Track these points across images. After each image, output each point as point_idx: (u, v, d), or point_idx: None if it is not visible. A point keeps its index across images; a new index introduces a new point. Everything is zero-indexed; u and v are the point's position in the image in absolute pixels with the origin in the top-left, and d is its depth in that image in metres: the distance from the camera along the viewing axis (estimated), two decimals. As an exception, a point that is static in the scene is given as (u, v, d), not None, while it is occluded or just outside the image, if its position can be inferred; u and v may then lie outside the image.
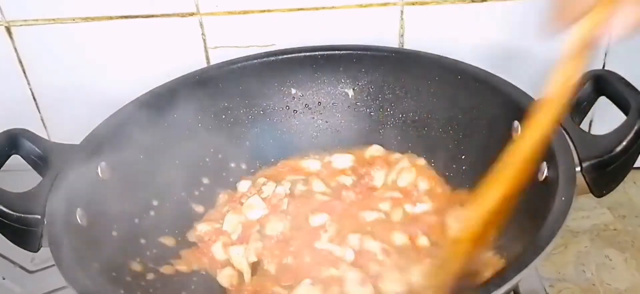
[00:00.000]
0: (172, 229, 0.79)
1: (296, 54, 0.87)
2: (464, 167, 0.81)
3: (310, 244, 0.73)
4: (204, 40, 0.92)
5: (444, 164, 0.83)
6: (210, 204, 0.83)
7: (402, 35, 0.90)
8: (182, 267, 0.74)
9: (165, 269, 0.73)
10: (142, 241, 0.74)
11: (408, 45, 0.91)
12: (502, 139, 0.74)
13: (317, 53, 0.87)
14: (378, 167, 0.83)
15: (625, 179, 0.64)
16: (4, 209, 0.63)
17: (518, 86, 0.74)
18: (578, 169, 0.62)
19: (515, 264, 0.52)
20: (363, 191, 0.82)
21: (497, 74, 0.76)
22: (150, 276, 0.72)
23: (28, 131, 0.72)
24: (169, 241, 0.77)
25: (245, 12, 0.89)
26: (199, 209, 0.82)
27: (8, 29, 0.92)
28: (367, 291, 0.67)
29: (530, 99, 0.71)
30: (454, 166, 0.82)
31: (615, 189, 0.64)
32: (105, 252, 0.67)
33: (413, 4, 0.87)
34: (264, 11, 0.89)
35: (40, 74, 0.96)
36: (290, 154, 0.89)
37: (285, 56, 0.87)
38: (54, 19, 0.90)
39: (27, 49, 0.94)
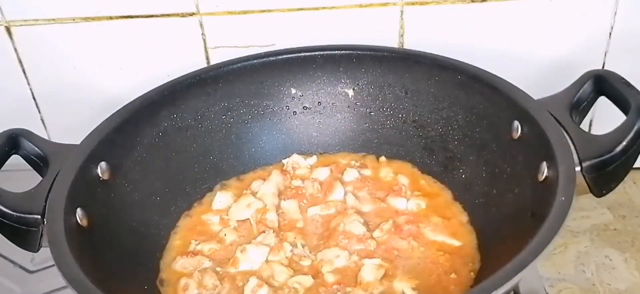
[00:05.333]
0: (171, 228, 0.79)
1: (296, 54, 0.87)
2: (464, 167, 0.81)
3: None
4: (204, 40, 0.92)
5: (444, 164, 0.83)
6: (209, 203, 0.83)
7: (402, 35, 0.90)
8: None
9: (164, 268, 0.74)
10: (141, 240, 0.74)
11: (408, 45, 0.91)
12: (502, 139, 0.74)
13: (317, 53, 0.87)
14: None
15: (625, 179, 0.64)
16: (4, 209, 0.63)
17: (518, 86, 0.74)
18: (578, 169, 0.62)
19: (515, 264, 0.52)
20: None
21: (497, 74, 0.76)
22: (149, 275, 0.72)
23: (28, 131, 0.72)
24: (168, 240, 0.78)
25: (245, 12, 0.89)
26: (199, 207, 0.83)
27: (8, 29, 0.92)
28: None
29: (530, 99, 0.71)
30: (454, 166, 0.82)
31: (615, 189, 0.64)
32: (105, 252, 0.67)
33: (413, 4, 0.87)
34: (264, 11, 0.89)
35: (40, 74, 0.96)
36: (289, 154, 0.89)
37: (285, 56, 0.87)
38: (54, 19, 0.90)
39: (27, 49, 0.94)
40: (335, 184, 0.83)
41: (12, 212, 0.63)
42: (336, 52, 0.87)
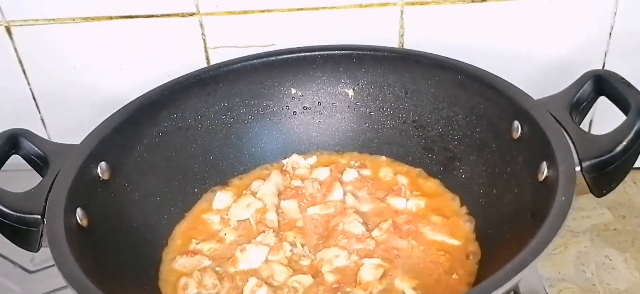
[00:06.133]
0: (171, 227, 0.79)
1: (296, 54, 0.87)
2: (464, 167, 0.81)
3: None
4: (204, 40, 0.92)
5: (444, 164, 0.83)
6: (209, 202, 0.83)
7: (402, 35, 0.90)
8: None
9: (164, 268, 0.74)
10: (141, 239, 0.74)
11: (408, 45, 0.91)
12: (502, 139, 0.74)
13: (317, 53, 0.87)
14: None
15: (625, 179, 0.64)
16: (4, 209, 0.63)
17: (518, 86, 0.74)
18: (578, 168, 0.62)
19: (515, 264, 0.52)
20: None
21: (497, 74, 0.76)
22: (149, 274, 0.72)
23: (28, 131, 0.72)
24: (168, 239, 0.78)
25: (245, 12, 0.89)
26: (199, 207, 0.83)
27: (8, 29, 0.92)
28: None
29: (530, 99, 0.71)
30: (454, 166, 0.82)
31: (615, 189, 0.64)
32: (105, 252, 0.67)
33: (413, 4, 0.87)
34: (264, 11, 0.89)
35: (40, 74, 0.96)
36: (290, 153, 0.89)
37: (285, 56, 0.87)
38: (54, 19, 0.90)
39: (27, 49, 0.94)
40: (335, 184, 0.83)
41: (12, 212, 0.63)
42: (336, 52, 0.87)
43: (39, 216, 0.63)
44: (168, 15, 0.90)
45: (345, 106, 0.90)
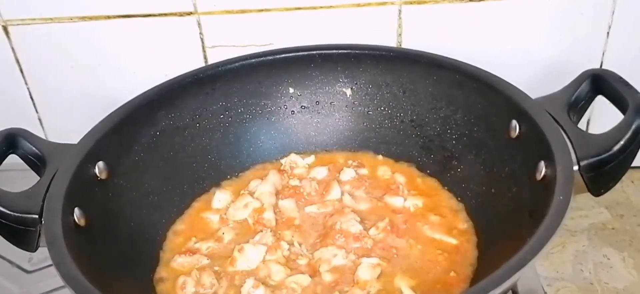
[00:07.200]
0: (169, 227, 0.79)
1: (294, 54, 0.87)
2: (462, 166, 0.81)
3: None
4: (202, 39, 0.92)
5: (442, 163, 0.83)
6: (207, 201, 0.83)
7: (400, 35, 0.90)
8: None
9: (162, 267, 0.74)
10: (139, 239, 0.74)
11: (406, 45, 0.91)
12: (500, 138, 0.74)
13: (315, 52, 0.87)
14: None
15: (623, 178, 0.64)
16: (2, 209, 0.63)
17: (516, 85, 0.74)
18: (576, 168, 0.62)
19: (514, 263, 0.52)
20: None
21: (495, 74, 0.76)
22: (147, 274, 0.72)
23: (26, 130, 0.72)
24: (166, 239, 0.78)
25: (243, 11, 0.89)
26: (197, 206, 0.83)
27: (5, 29, 0.91)
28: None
29: (528, 98, 0.71)
30: (452, 165, 0.82)
31: (613, 188, 0.64)
32: (103, 251, 0.67)
33: (411, 3, 0.87)
34: (262, 10, 0.89)
35: (37, 73, 0.96)
36: (288, 153, 0.89)
37: (283, 55, 0.87)
38: (51, 19, 0.90)
39: (25, 48, 0.93)
40: (333, 183, 0.83)
41: (9, 212, 0.63)
42: (334, 51, 0.87)
43: (37, 216, 0.63)
44: (166, 14, 0.90)
45: (343, 105, 0.90)
